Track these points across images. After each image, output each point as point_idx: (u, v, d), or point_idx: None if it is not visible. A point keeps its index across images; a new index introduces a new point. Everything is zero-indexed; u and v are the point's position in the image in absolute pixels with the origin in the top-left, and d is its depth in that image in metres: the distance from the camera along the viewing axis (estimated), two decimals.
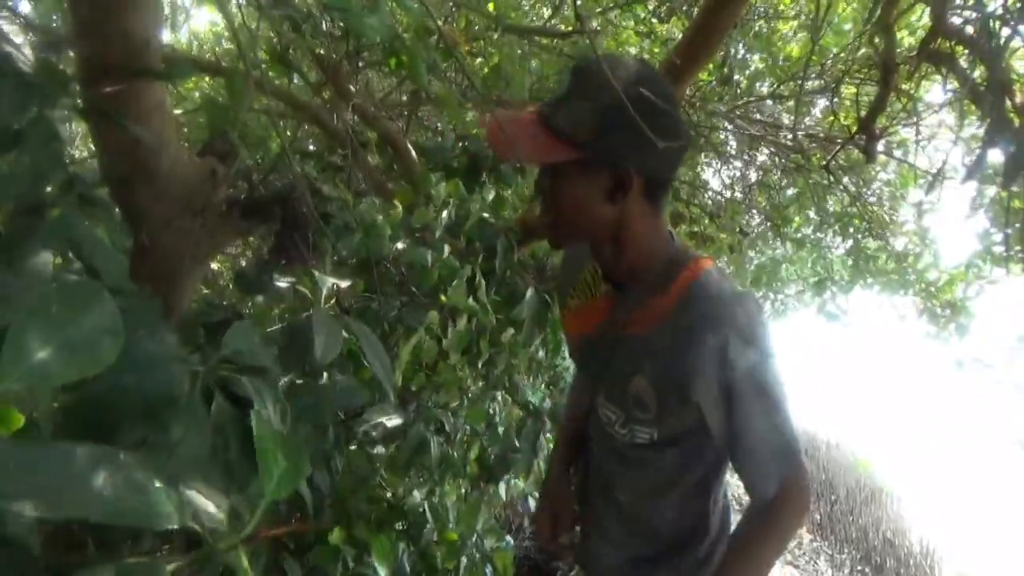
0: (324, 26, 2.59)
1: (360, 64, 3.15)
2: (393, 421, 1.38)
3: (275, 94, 3.19)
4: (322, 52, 2.84)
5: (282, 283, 1.22)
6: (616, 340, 1.26)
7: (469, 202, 1.67)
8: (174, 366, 0.92)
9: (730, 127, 4.10)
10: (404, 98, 4.09)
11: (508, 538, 3.36)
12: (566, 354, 3.03)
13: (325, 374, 1.19)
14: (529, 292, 2.50)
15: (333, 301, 1.25)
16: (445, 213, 1.61)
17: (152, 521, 0.48)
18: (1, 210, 0.87)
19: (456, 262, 1.67)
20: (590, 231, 1.20)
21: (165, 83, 1.15)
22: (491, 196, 1.71)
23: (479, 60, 3.53)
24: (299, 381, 1.15)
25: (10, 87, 0.90)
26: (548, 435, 2.88)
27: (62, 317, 0.55)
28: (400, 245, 1.69)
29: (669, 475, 1.31)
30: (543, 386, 4.51)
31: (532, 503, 4.30)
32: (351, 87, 3.00)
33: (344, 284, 1.24)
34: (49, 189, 0.99)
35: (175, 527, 0.50)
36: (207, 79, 4.22)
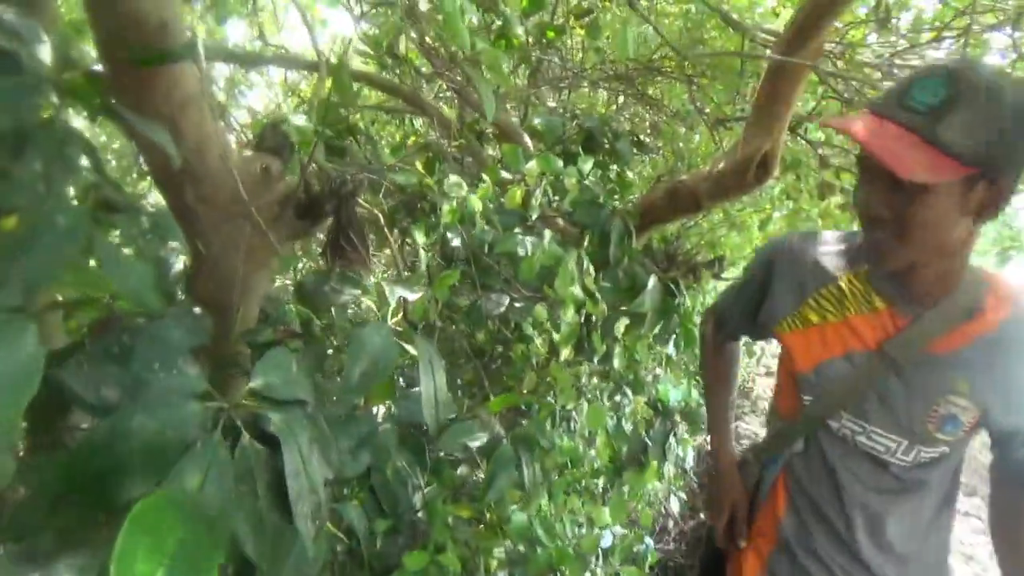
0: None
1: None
2: (476, 441, 1.19)
3: (384, 87, 3.11)
4: (429, 41, 2.70)
5: (345, 295, 1.06)
6: (910, 360, 1.18)
7: (566, 176, 1.43)
8: (191, 403, 0.77)
9: (889, 80, 3.54)
10: (522, 83, 3.89)
11: (648, 540, 3.10)
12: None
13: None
14: (651, 281, 2.22)
15: (400, 315, 1.07)
16: (539, 192, 1.39)
17: None
18: None
19: (559, 249, 1.44)
20: (937, 249, 1.10)
21: (200, 75, 1.01)
22: (587, 167, 1.46)
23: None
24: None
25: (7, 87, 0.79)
26: (683, 436, 2.60)
27: None
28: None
29: (942, 493, 1.29)
30: (685, 380, 4.18)
31: (676, 503, 4.01)
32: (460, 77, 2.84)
33: (413, 296, 1.06)
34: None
35: None
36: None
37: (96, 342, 0.81)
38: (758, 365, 8.04)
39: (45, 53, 0.87)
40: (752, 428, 7.20)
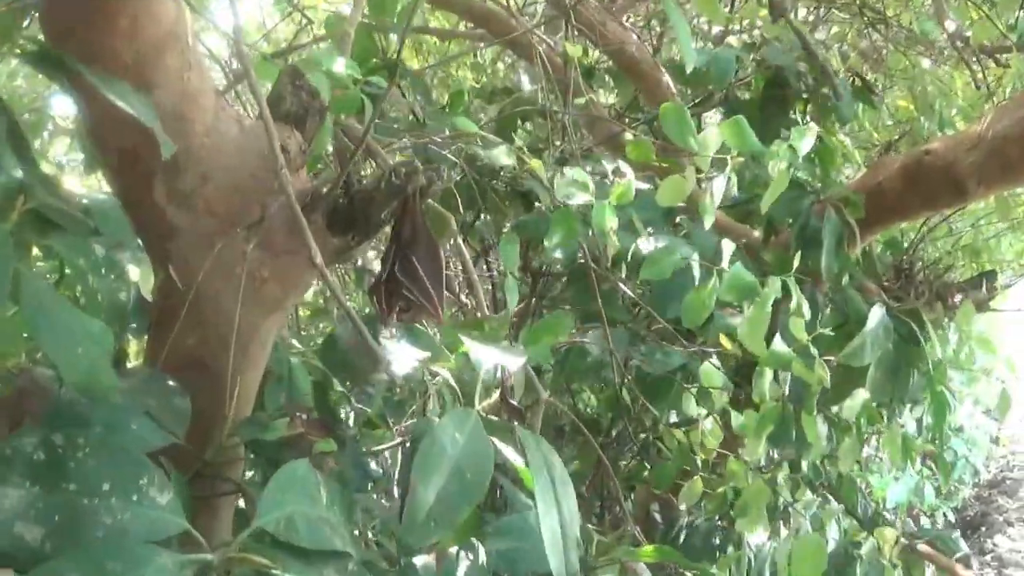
0: None
1: None
2: None
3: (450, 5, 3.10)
4: None
5: (404, 360, 1.01)
6: None
7: (770, 158, 1.34)
8: (159, 556, 0.74)
9: None
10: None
11: None
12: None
13: None
14: (875, 314, 2.07)
15: (496, 394, 1.02)
16: (720, 183, 1.30)
17: None
18: None
19: (750, 277, 1.35)
20: None
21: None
22: (806, 144, 1.36)
23: None
24: None
25: None
26: None
27: None
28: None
29: None
30: (921, 475, 4.01)
31: None
32: None
33: (515, 365, 0.99)
34: None
35: None
36: None
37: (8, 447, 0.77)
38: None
39: None
40: (1021, 547, 6.63)
